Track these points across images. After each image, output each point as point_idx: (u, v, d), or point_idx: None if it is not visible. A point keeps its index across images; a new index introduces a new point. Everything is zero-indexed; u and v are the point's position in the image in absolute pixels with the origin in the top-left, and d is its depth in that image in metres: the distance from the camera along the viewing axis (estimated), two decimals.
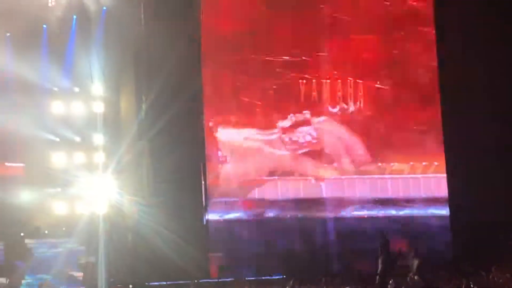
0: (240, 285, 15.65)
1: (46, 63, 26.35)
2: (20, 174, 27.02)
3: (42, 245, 24.64)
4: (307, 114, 26.79)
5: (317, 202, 26.34)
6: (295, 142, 26.71)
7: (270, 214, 26.20)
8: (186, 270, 22.54)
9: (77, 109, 26.17)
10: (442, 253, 25.29)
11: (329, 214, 26.35)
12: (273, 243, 25.66)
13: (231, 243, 25.76)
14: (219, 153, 26.45)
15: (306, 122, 26.80)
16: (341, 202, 26.48)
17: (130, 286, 22.38)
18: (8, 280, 20.07)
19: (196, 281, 22.08)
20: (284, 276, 22.67)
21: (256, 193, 26.32)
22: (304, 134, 26.71)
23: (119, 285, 18.44)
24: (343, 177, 26.65)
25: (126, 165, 25.40)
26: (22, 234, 25.83)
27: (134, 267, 23.40)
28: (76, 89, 26.52)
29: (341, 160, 26.76)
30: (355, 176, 26.67)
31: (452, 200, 26.42)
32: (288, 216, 26.20)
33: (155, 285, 22.75)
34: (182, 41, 25.15)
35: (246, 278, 19.46)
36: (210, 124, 26.38)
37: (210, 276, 24.41)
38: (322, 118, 26.88)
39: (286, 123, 26.73)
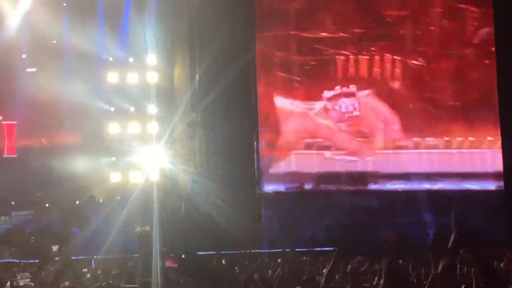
0: (291, 256, 15.69)
1: (101, 33, 26.58)
2: (76, 143, 27.44)
3: (97, 213, 24.96)
4: (343, 89, 26.57)
5: (362, 176, 26.26)
6: (337, 115, 26.55)
7: (321, 186, 26.15)
8: (238, 240, 22.65)
9: (131, 79, 26.39)
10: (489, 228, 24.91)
11: (375, 186, 26.25)
12: (321, 216, 25.62)
13: (283, 214, 25.81)
14: (272, 123, 26.42)
15: (347, 95, 26.59)
16: (386, 176, 26.34)
17: (183, 255, 22.57)
18: (61, 247, 20.40)
19: (248, 251, 22.18)
20: (334, 248, 22.61)
21: (306, 165, 26.28)
22: (344, 108, 26.52)
23: (171, 255, 18.47)
24: (384, 151, 26.45)
25: (179, 135, 25.61)
26: (77, 202, 26.26)
27: (187, 237, 23.58)
28: (131, 59, 26.75)
29: (379, 135, 26.53)
30: (390, 151, 26.43)
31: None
32: (336, 189, 26.13)
33: (208, 254, 22.92)
34: (235, 10, 25.11)
35: (296, 249, 19.48)
36: (263, 95, 26.31)
37: (261, 247, 24.51)
38: (361, 93, 26.62)
39: (323, 100, 26.55)
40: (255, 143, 25.93)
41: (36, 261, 20.13)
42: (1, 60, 26.42)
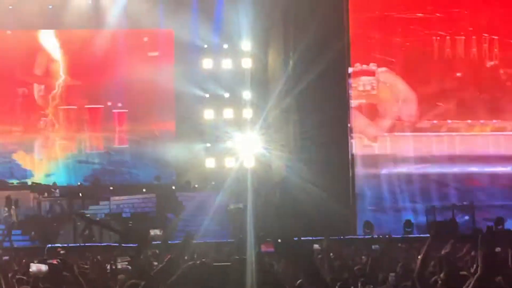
0: (386, 242, 15.49)
1: (196, 20, 26.85)
2: (172, 129, 27.88)
3: (192, 199, 25.30)
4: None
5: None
6: None
7: (414, 169, 25.86)
8: (332, 226, 22.56)
9: (226, 65, 26.59)
10: None
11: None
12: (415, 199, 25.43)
13: (377, 198, 25.63)
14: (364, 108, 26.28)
15: None
16: None
17: (279, 240, 22.61)
18: (161, 231, 20.75)
19: (343, 237, 22.09)
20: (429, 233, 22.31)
21: (399, 147, 26.03)
22: None
23: (268, 239, 18.51)
24: None
25: (273, 121, 25.65)
26: (173, 187, 26.67)
27: (281, 222, 23.64)
28: (225, 46, 26.92)
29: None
30: None
31: None
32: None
33: (304, 240, 22.91)
34: None
35: (388, 236, 19.25)
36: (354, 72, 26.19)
37: (356, 233, 24.40)
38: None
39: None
40: (348, 127, 25.78)
41: (135, 245, 20.60)
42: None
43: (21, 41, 28.18)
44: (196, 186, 26.69)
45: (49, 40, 28.48)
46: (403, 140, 26.14)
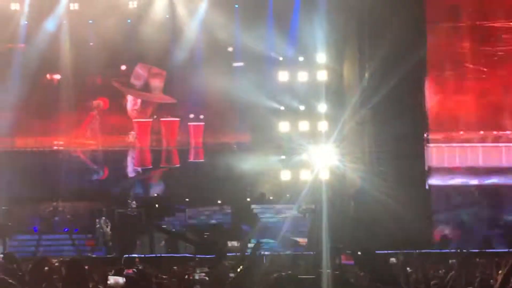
0: (463, 257, 15.16)
1: (271, 33, 26.99)
2: (247, 142, 28.03)
3: (267, 211, 25.43)
4: None
5: None
6: None
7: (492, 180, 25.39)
8: (409, 239, 22.27)
9: (301, 77, 26.62)
10: None
11: None
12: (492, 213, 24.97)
13: (453, 210, 25.25)
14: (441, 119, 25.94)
15: None
16: None
17: (359, 252, 22.40)
18: (239, 243, 20.86)
19: (418, 251, 21.77)
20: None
21: (476, 159, 25.59)
22: None
23: (348, 251, 18.29)
24: None
25: (348, 133, 25.51)
26: (248, 199, 26.79)
27: (356, 235, 23.47)
28: (301, 58, 26.97)
29: None
30: None
31: None
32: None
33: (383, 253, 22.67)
34: (405, 8, 24.73)
35: (466, 249, 18.92)
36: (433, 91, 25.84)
37: (432, 246, 24.03)
38: None
39: None
40: (425, 139, 25.47)
41: (211, 256, 20.78)
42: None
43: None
44: (271, 198, 26.76)
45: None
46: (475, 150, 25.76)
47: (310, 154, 25.41)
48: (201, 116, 28.91)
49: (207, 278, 7.68)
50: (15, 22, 27.57)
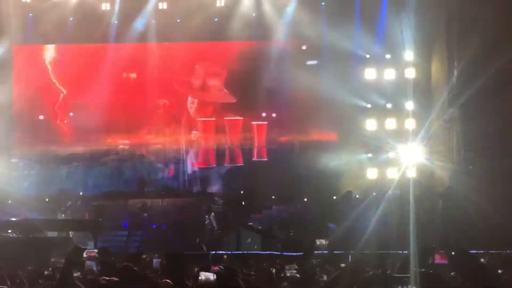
0: None
1: (358, 30, 26.87)
2: (334, 140, 27.97)
3: (354, 209, 25.20)
4: None
5: None
6: None
7: None
8: (499, 239, 21.83)
9: (388, 75, 26.41)
10: None
11: None
12: None
13: None
14: None
15: None
16: None
17: (453, 252, 22.10)
18: (326, 241, 20.83)
19: (510, 251, 21.33)
20: None
21: None
22: None
23: (441, 251, 18.07)
24: None
25: (435, 132, 25.20)
26: (334, 197, 26.73)
27: (445, 234, 23.14)
28: (388, 56, 26.77)
29: None
30: None
31: None
32: None
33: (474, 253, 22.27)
34: (496, 4, 24.22)
35: None
36: None
37: None
38: None
39: None
40: None
41: (298, 254, 20.83)
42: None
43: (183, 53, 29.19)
44: (357, 196, 26.64)
45: (210, 52, 29.40)
46: None
47: (397, 152, 25.18)
48: (274, 115, 29.18)
49: (298, 275, 7.68)
50: (106, 21, 28.21)
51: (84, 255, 8.08)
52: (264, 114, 29.34)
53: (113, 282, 5.80)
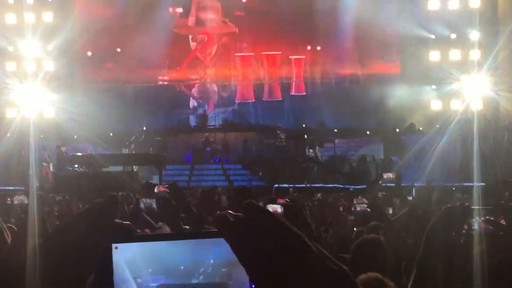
0: None
1: None
2: (396, 72, 27.63)
3: (415, 141, 24.90)
4: None
5: None
6: None
7: None
8: None
9: (452, 5, 25.81)
10: None
11: None
12: None
13: None
14: None
15: None
16: None
17: None
18: (394, 175, 20.71)
19: None
20: None
21: None
22: None
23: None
24: None
25: (502, 62, 24.59)
26: (397, 130, 26.51)
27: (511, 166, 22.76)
28: None
29: None
30: None
31: None
32: None
33: None
34: None
35: None
36: None
37: None
38: None
39: None
40: None
41: (362, 187, 20.85)
42: None
43: None
44: (421, 129, 26.37)
45: None
46: None
47: (461, 83, 24.75)
48: (318, 48, 29.02)
49: (368, 210, 7.63)
50: None
51: (155, 190, 8.09)
52: (309, 47, 29.24)
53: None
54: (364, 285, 3.33)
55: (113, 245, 1.32)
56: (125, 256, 1.31)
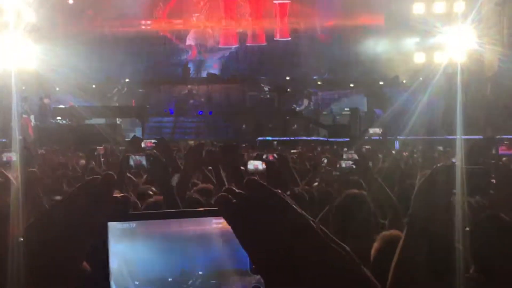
0: None
1: None
2: (380, 24, 27.51)
3: (399, 94, 24.94)
4: None
5: None
6: None
7: None
8: None
9: None
10: None
11: None
12: None
13: None
14: None
15: None
16: None
17: None
18: (381, 130, 20.72)
19: None
20: None
21: None
22: None
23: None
24: None
25: (485, 14, 24.55)
26: (381, 82, 26.50)
27: (492, 117, 22.84)
28: None
29: None
30: None
31: None
32: None
33: None
34: None
35: None
36: None
37: None
38: None
39: None
40: None
41: (344, 140, 20.90)
42: None
43: None
44: (404, 81, 26.38)
45: None
46: None
47: (445, 36, 24.71)
48: None
49: (354, 167, 7.61)
50: None
51: (142, 145, 8.05)
52: None
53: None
54: (387, 242, 3.36)
55: (109, 223, 1.30)
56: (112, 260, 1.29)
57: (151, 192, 5.79)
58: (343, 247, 1.21)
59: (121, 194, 1.29)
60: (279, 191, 1.23)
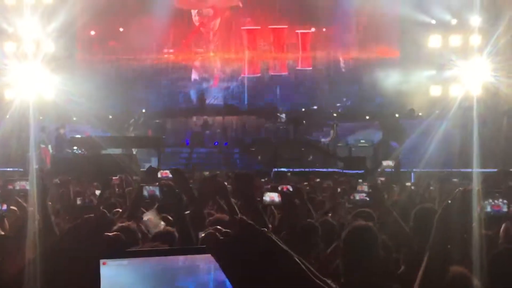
0: None
1: None
2: (396, 57, 27.56)
3: (415, 125, 24.89)
4: None
5: None
6: None
7: None
8: None
9: None
10: None
11: None
12: None
13: None
14: None
15: None
16: None
17: None
18: (394, 163, 20.62)
19: None
20: None
21: None
22: None
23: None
24: None
25: (502, 48, 24.52)
26: (397, 115, 26.47)
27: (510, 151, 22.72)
28: None
29: None
30: None
31: None
32: None
33: None
34: None
35: None
36: None
37: None
38: None
39: None
40: None
41: (360, 172, 20.83)
42: None
43: None
44: (420, 114, 26.34)
45: None
46: None
47: (461, 69, 24.70)
48: (323, 29, 29.02)
49: (367, 199, 7.57)
50: None
51: (158, 175, 8.06)
52: (313, 29, 29.29)
53: None
54: (452, 279, 3.31)
55: (101, 261, 1.31)
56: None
57: (163, 222, 5.77)
58: (328, 284, 1.22)
59: (114, 233, 1.32)
60: (266, 229, 1.25)
